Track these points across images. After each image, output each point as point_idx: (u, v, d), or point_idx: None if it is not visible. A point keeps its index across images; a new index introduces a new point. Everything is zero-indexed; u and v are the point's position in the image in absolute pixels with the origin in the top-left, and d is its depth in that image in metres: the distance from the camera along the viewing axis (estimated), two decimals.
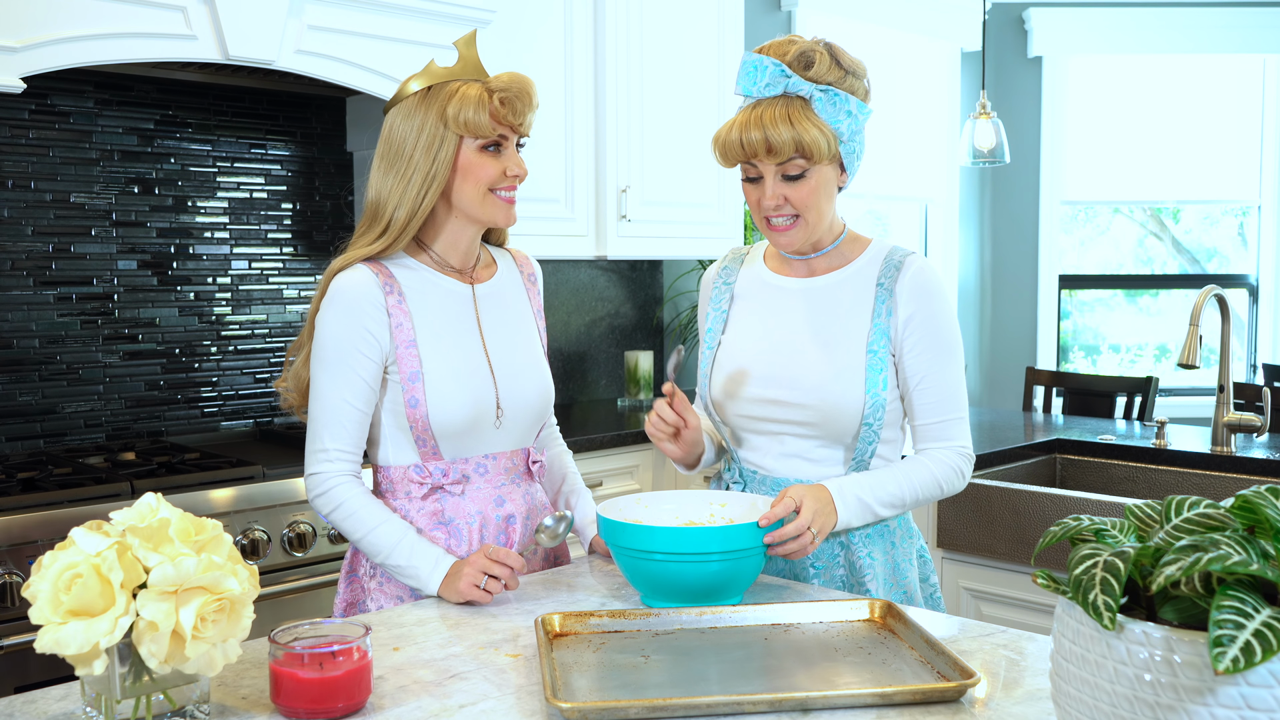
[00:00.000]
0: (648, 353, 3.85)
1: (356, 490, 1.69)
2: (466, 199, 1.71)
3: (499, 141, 1.70)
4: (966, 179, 5.52)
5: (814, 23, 4.59)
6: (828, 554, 1.74)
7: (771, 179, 1.67)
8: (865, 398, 1.69)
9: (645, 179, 3.57)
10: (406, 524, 1.68)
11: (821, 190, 1.68)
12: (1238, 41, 5.37)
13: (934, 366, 1.72)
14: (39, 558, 1.12)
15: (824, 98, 1.64)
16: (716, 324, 1.84)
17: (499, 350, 1.78)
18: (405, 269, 1.73)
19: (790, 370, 1.73)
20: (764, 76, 1.64)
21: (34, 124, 2.70)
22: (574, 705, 1.16)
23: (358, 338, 1.67)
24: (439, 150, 1.67)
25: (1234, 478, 2.80)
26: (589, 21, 3.42)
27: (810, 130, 1.62)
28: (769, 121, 1.62)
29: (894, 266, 1.74)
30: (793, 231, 1.71)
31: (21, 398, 2.70)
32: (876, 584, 1.73)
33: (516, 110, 1.68)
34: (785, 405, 1.73)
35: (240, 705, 1.23)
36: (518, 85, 1.68)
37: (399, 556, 1.65)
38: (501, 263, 1.86)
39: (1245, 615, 0.80)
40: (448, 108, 1.66)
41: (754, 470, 1.79)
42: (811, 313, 1.76)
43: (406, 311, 1.70)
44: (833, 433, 1.72)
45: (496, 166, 1.70)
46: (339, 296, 1.68)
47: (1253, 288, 5.56)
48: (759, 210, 1.71)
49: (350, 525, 1.68)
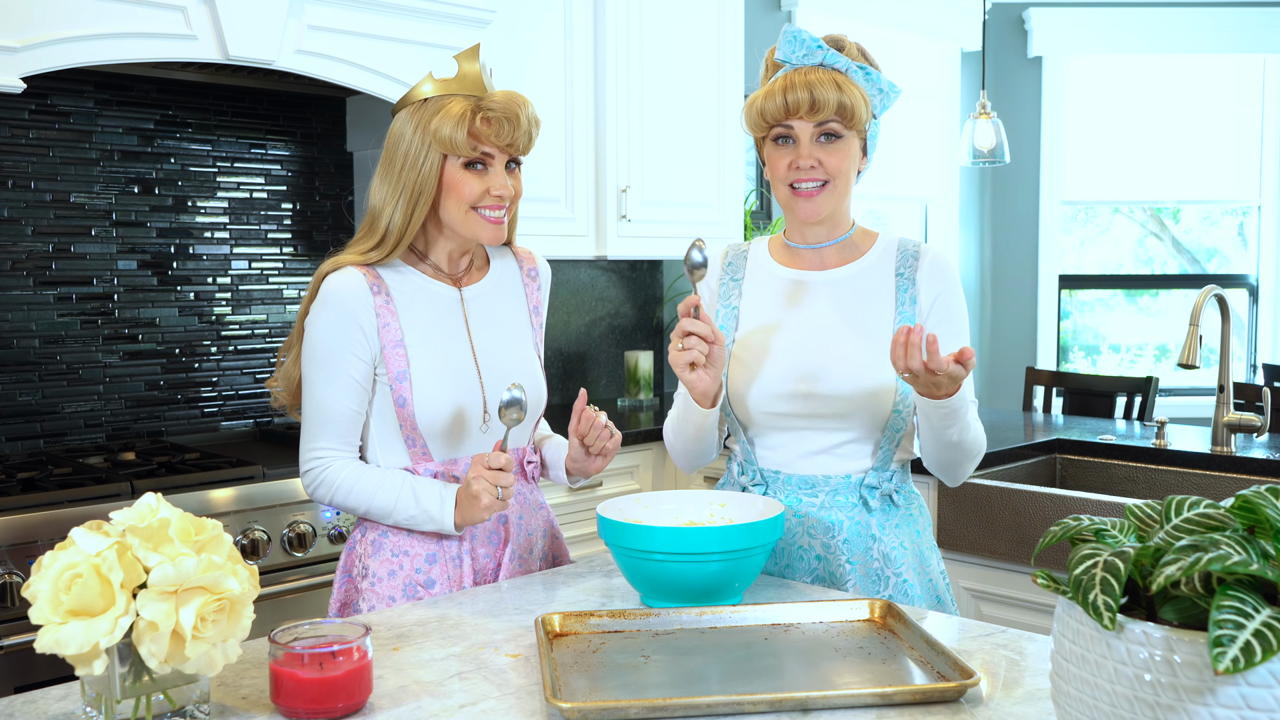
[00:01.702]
0: (648, 353, 3.85)
1: (346, 468, 1.71)
2: (450, 215, 1.72)
3: (482, 160, 1.70)
4: (966, 179, 5.52)
5: (814, 23, 4.59)
6: (861, 548, 1.74)
7: (807, 140, 1.70)
8: (896, 384, 1.71)
9: (645, 179, 3.57)
10: (401, 473, 1.70)
11: (850, 160, 1.73)
12: (1238, 41, 5.37)
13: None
14: (39, 558, 1.12)
15: (859, 73, 1.71)
16: (727, 320, 1.82)
17: (487, 352, 1.78)
18: (395, 273, 1.74)
19: (820, 362, 1.73)
20: (803, 47, 1.71)
21: (34, 124, 2.70)
22: (574, 705, 1.16)
23: (348, 338, 1.68)
24: (423, 164, 1.68)
25: (1234, 478, 2.80)
26: (589, 21, 3.42)
27: (853, 91, 1.68)
28: (815, 81, 1.68)
29: (910, 256, 1.78)
30: (820, 198, 1.72)
31: (21, 398, 2.70)
32: (911, 574, 1.74)
33: (501, 131, 1.67)
34: (816, 398, 1.72)
35: (240, 705, 1.23)
36: (506, 106, 1.67)
37: (406, 507, 1.68)
38: (496, 262, 1.86)
39: (1245, 615, 0.80)
40: (431, 122, 1.67)
41: (776, 471, 1.78)
42: (837, 305, 1.77)
43: (394, 312, 1.71)
44: (864, 424, 1.73)
45: (479, 185, 1.69)
46: (330, 298, 1.69)
47: (1253, 288, 5.56)
48: (788, 174, 1.72)
49: (352, 500, 1.71)
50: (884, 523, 1.75)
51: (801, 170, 1.70)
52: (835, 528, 1.74)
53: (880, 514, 1.75)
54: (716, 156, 3.78)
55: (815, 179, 1.71)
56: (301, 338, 1.73)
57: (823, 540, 1.75)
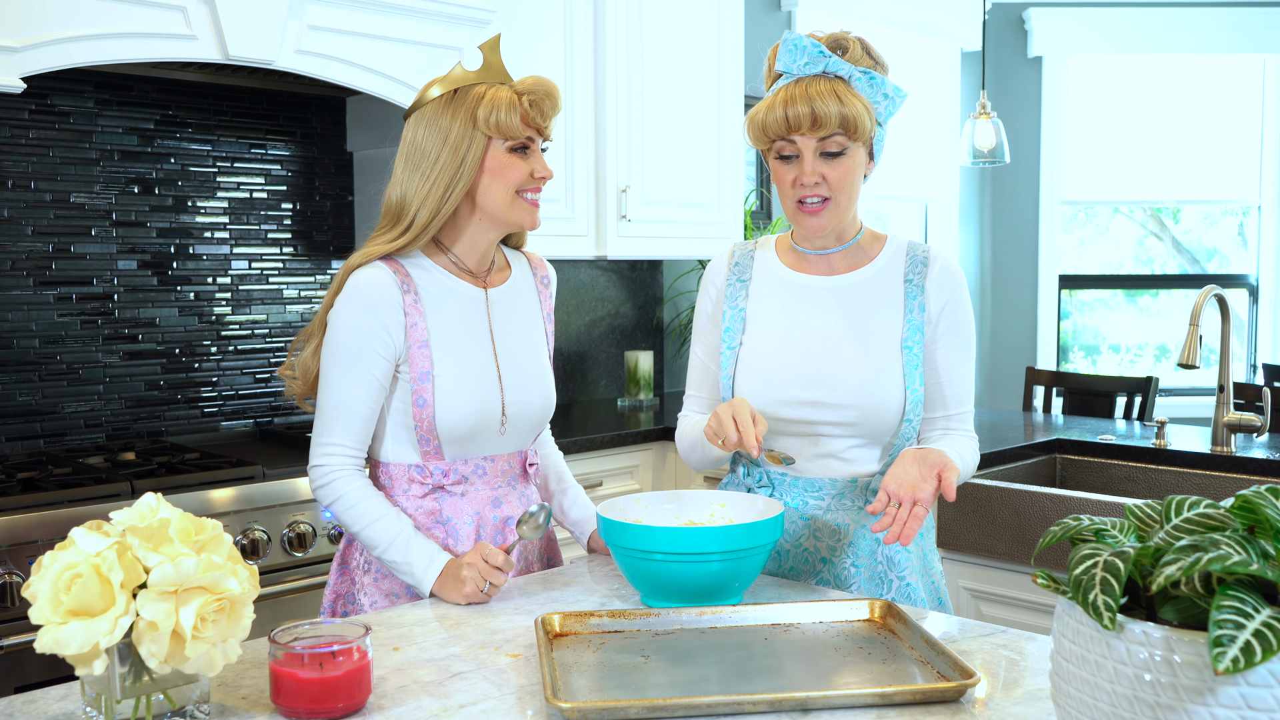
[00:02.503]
0: (648, 353, 3.85)
1: (358, 484, 1.69)
2: (494, 200, 1.71)
3: (526, 144, 1.71)
4: (966, 179, 5.52)
5: (814, 23, 4.59)
6: (866, 552, 1.74)
7: (810, 156, 1.67)
8: (905, 394, 1.71)
9: (645, 179, 3.57)
10: (405, 519, 1.69)
11: (856, 172, 1.70)
12: (1238, 41, 5.37)
13: (959, 358, 1.75)
14: (39, 558, 1.12)
15: (863, 79, 1.67)
16: (734, 322, 1.81)
17: (508, 356, 1.77)
18: (421, 270, 1.73)
19: (828, 371, 1.72)
20: (804, 55, 1.66)
21: (34, 124, 2.70)
22: (574, 705, 1.16)
23: (373, 335, 1.67)
24: (467, 151, 1.67)
25: (1234, 478, 2.80)
26: (589, 21, 3.42)
27: (855, 104, 1.64)
28: (815, 95, 1.63)
29: (920, 262, 1.76)
30: (824, 213, 1.70)
31: (21, 398, 2.70)
32: (914, 577, 1.74)
33: (544, 112, 1.71)
34: (824, 406, 1.72)
35: (240, 705, 1.23)
36: (543, 88, 1.70)
37: (395, 552, 1.66)
38: (516, 266, 1.86)
39: (1245, 615, 0.80)
40: (478, 110, 1.66)
41: (782, 474, 1.78)
42: (843, 311, 1.75)
43: (421, 312, 1.70)
44: (872, 432, 1.72)
45: (524, 168, 1.70)
46: (356, 293, 1.67)
47: (1253, 288, 5.56)
48: (793, 191, 1.70)
49: (350, 518, 1.69)
50: None
51: (806, 187, 1.68)
52: (841, 530, 1.74)
53: None
54: (716, 156, 3.78)
55: (820, 195, 1.69)
56: (323, 330, 1.71)
57: (828, 543, 1.75)
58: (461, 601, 1.60)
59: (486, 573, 1.59)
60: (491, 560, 1.60)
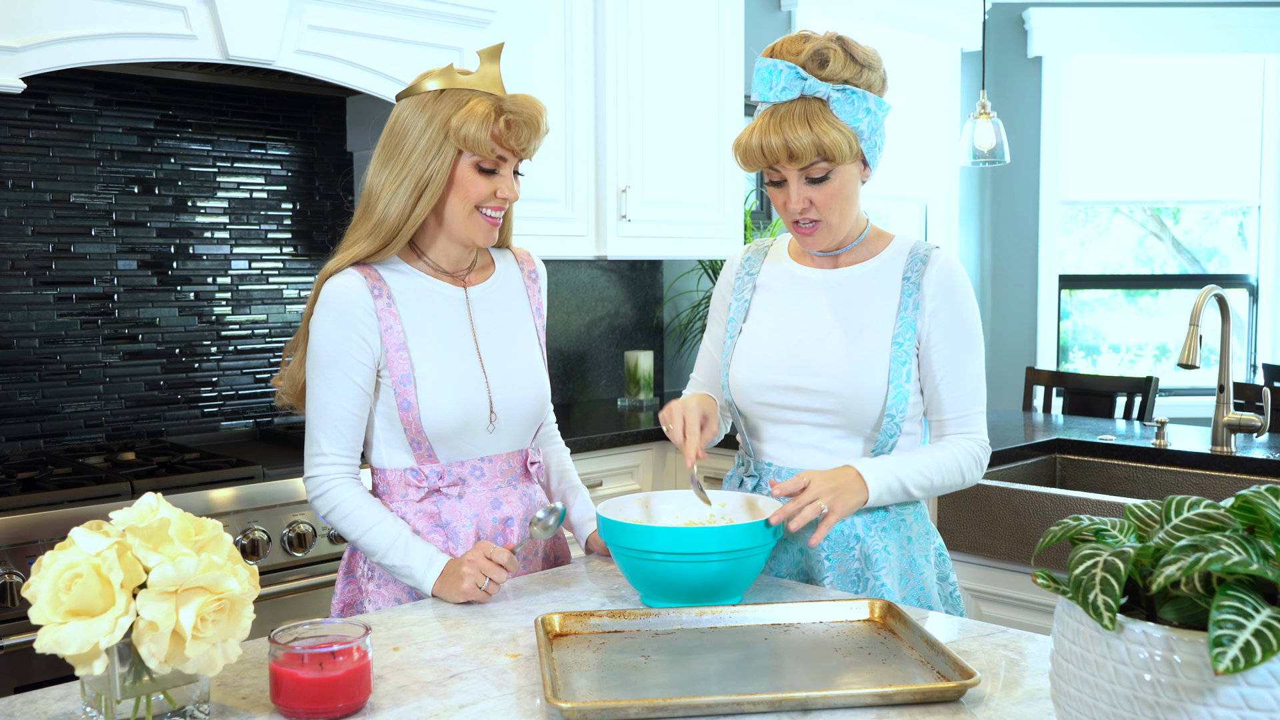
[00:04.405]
0: (648, 353, 3.85)
1: (353, 491, 1.70)
2: (452, 213, 1.70)
3: (496, 164, 1.69)
4: (966, 179, 5.52)
5: (814, 23, 4.59)
6: (842, 547, 1.74)
7: (795, 183, 1.67)
8: (888, 388, 1.70)
9: (645, 179, 3.57)
10: (403, 523, 1.69)
11: (846, 190, 1.69)
12: (1238, 41, 5.37)
13: (958, 360, 1.74)
14: (39, 558, 1.12)
15: (842, 97, 1.64)
16: (738, 313, 1.84)
17: (493, 353, 1.77)
18: (397, 273, 1.73)
19: (812, 357, 1.73)
20: (780, 80, 1.64)
21: (34, 124, 2.70)
22: (574, 705, 1.16)
23: (349, 342, 1.67)
24: (434, 158, 1.65)
25: (1234, 478, 2.80)
26: (589, 21, 3.42)
27: (830, 132, 1.62)
28: (788, 126, 1.62)
29: (920, 261, 1.76)
30: (818, 234, 1.72)
31: (21, 398, 2.70)
32: (891, 578, 1.72)
33: (520, 136, 1.67)
34: (805, 392, 1.73)
35: (240, 705, 1.23)
36: (528, 112, 1.66)
37: (394, 556, 1.66)
38: (501, 263, 1.86)
39: (1245, 615, 0.80)
40: (453, 119, 1.64)
41: (769, 463, 1.79)
42: (835, 302, 1.77)
43: (396, 314, 1.69)
44: (853, 422, 1.72)
45: (488, 186, 1.68)
46: (330, 301, 1.68)
47: (1253, 288, 5.56)
48: (785, 212, 1.71)
49: (347, 525, 1.69)
50: (870, 524, 1.74)
51: (794, 212, 1.69)
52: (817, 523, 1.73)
53: (867, 515, 1.74)
54: (716, 156, 3.78)
55: (809, 218, 1.70)
56: (306, 340, 1.72)
57: (806, 533, 1.74)
58: (460, 599, 1.60)
59: (487, 569, 1.59)
60: (495, 558, 1.60)
